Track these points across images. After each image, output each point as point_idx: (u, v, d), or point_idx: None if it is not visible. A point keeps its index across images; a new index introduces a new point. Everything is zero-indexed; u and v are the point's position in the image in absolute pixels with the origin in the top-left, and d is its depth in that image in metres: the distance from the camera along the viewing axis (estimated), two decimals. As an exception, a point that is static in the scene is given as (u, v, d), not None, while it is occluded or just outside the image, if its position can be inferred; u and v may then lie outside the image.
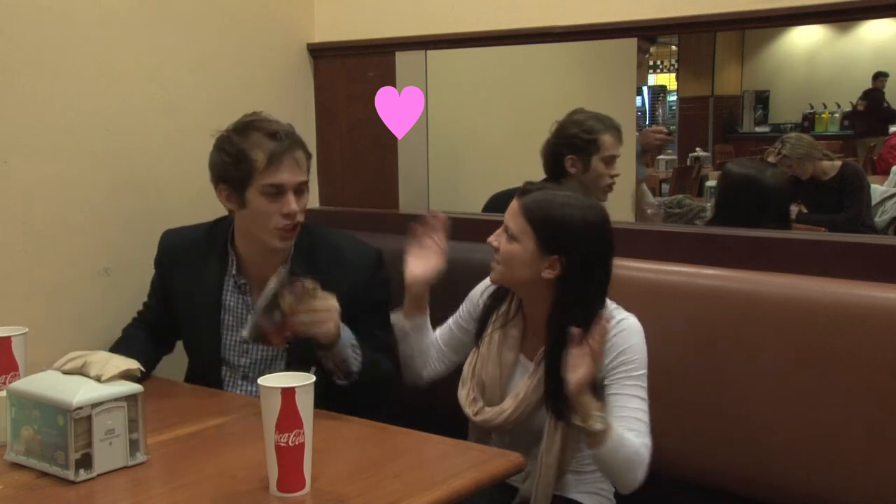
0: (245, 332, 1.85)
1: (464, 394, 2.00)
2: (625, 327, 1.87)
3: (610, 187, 2.58)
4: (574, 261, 1.83)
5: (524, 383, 1.93)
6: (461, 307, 2.13)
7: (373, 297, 2.11)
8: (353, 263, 2.11)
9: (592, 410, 1.74)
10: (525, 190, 1.90)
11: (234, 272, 2.12)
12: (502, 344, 1.98)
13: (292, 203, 2.00)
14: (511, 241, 1.88)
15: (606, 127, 2.60)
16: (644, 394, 1.85)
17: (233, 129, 2.05)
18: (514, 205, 1.89)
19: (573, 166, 2.56)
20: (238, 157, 2.00)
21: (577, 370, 1.74)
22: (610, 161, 2.57)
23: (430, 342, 2.14)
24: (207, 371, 2.14)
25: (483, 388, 1.98)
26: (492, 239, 1.93)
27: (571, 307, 1.84)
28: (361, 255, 2.14)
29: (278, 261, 2.09)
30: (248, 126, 2.03)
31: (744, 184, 2.78)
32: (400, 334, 2.12)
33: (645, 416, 1.83)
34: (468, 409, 1.98)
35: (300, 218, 2.04)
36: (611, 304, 1.91)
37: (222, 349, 2.13)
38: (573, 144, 2.57)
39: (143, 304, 2.30)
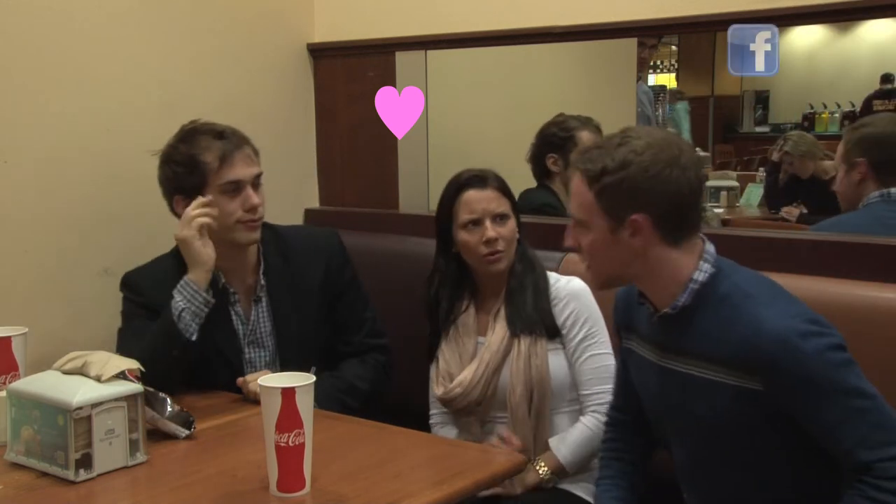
0: None
1: (440, 392, 2.03)
2: (573, 291, 1.98)
3: None
4: None
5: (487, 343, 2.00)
6: None
7: (346, 276, 2.17)
8: (324, 248, 2.16)
9: (542, 475, 1.92)
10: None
11: (223, 282, 2.07)
12: (457, 333, 2.05)
13: (253, 196, 2.02)
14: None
15: (584, 124, 2.67)
16: (607, 347, 1.97)
17: (176, 140, 2.06)
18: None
19: (555, 164, 2.61)
20: (190, 164, 2.01)
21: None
22: None
23: None
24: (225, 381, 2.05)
25: (452, 379, 2.01)
26: None
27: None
28: (328, 237, 2.20)
29: (252, 262, 2.09)
30: (192, 133, 2.04)
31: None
32: None
33: (611, 369, 1.93)
34: (449, 396, 2.01)
35: (262, 211, 2.04)
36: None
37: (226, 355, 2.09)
38: (552, 143, 2.66)
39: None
